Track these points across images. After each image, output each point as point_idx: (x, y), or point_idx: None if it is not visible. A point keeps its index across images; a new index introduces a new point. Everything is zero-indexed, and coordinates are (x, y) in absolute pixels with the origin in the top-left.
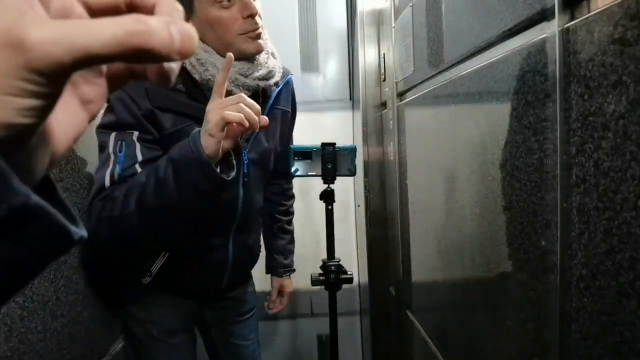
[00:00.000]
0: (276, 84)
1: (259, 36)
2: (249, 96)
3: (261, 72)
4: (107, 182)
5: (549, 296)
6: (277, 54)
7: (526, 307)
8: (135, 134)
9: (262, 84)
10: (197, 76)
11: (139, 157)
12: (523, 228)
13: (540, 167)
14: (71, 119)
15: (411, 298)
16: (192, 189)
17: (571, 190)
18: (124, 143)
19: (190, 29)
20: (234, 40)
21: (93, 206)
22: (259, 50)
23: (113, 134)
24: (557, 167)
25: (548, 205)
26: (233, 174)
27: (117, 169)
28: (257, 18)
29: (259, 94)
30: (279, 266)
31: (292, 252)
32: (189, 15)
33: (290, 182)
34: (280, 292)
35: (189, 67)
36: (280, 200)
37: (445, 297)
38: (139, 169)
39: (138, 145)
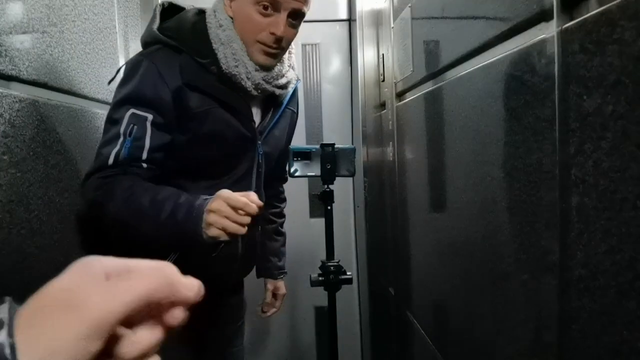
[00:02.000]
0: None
1: (272, 55)
2: (264, 98)
3: (281, 81)
4: (111, 161)
5: (549, 296)
6: (295, 65)
7: (526, 307)
8: (150, 117)
9: (278, 91)
10: (224, 66)
11: (147, 145)
12: (522, 228)
13: (540, 167)
14: None
15: (410, 298)
16: (182, 245)
17: (570, 191)
18: (135, 127)
19: None
20: (251, 42)
21: (90, 182)
22: (266, 66)
23: (128, 113)
24: (556, 167)
25: (547, 205)
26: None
27: (124, 152)
28: (283, 42)
29: (272, 96)
30: (274, 268)
31: (285, 255)
32: None
33: (283, 186)
34: (274, 295)
35: (220, 55)
36: (274, 202)
37: (445, 297)
38: (145, 156)
39: (149, 132)
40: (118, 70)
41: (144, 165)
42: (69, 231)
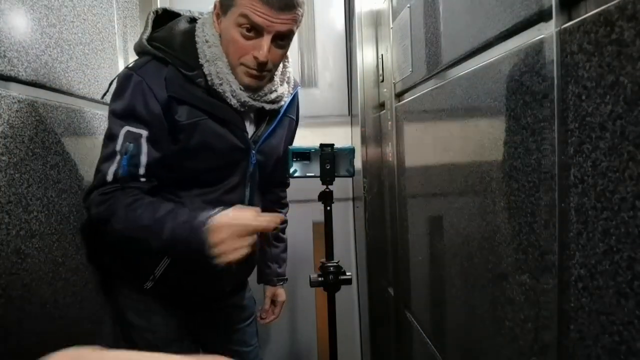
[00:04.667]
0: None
1: (257, 77)
2: (258, 109)
3: (271, 97)
4: (110, 179)
5: (548, 296)
6: (292, 76)
7: (525, 307)
8: (144, 134)
9: (268, 106)
10: (210, 82)
11: (144, 161)
12: (521, 228)
13: (538, 167)
14: None
15: (410, 299)
16: (192, 259)
17: (569, 191)
18: (130, 145)
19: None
20: (236, 64)
21: (93, 198)
22: (252, 87)
23: (123, 130)
24: (555, 167)
25: (546, 205)
26: None
27: (122, 171)
28: (268, 65)
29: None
30: (273, 274)
31: (285, 261)
32: (223, 13)
33: (285, 192)
34: (273, 302)
35: (206, 71)
36: (275, 208)
37: (444, 297)
38: (142, 172)
39: (144, 148)
40: (110, 84)
41: (143, 179)
42: (68, 232)
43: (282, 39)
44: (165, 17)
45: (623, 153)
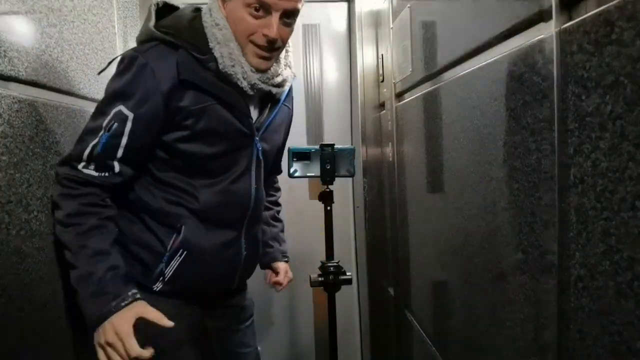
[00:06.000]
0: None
1: (266, 58)
2: (261, 95)
3: (277, 80)
4: (85, 156)
5: (548, 296)
6: (293, 63)
7: (525, 307)
8: (131, 117)
9: (274, 90)
10: (220, 66)
11: (123, 143)
12: (521, 228)
13: (538, 167)
14: None
15: (410, 298)
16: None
17: (569, 191)
18: (115, 124)
19: None
20: (245, 43)
21: (61, 174)
22: (261, 69)
23: (115, 110)
24: (555, 167)
25: (546, 205)
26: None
27: (98, 149)
28: (278, 42)
29: (269, 94)
30: (278, 252)
31: (284, 240)
32: None
33: (276, 177)
34: (286, 273)
35: (217, 54)
36: (270, 191)
37: (444, 297)
38: (119, 154)
39: (127, 131)
40: (110, 62)
41: (116, 164)
42: None
43: (289, 17)
44: (165, 11)
45: (623, 153)
